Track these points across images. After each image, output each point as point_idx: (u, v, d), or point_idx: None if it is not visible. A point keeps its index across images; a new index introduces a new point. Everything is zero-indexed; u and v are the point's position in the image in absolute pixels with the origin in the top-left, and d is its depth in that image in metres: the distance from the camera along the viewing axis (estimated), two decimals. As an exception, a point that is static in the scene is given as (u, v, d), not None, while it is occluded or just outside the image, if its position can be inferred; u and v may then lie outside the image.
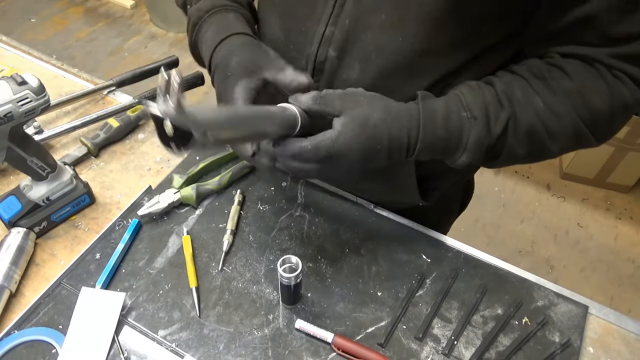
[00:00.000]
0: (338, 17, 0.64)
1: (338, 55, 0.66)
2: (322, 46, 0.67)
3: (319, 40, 0.66)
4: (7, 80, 0.67)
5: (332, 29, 0.65)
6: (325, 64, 0.68)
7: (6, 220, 0.77)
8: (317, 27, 0.66)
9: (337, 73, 0.68)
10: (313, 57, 0.68)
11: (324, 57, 0.67)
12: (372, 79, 0.66)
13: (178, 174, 0.86)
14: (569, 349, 0.70)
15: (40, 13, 3.11)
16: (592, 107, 0.59)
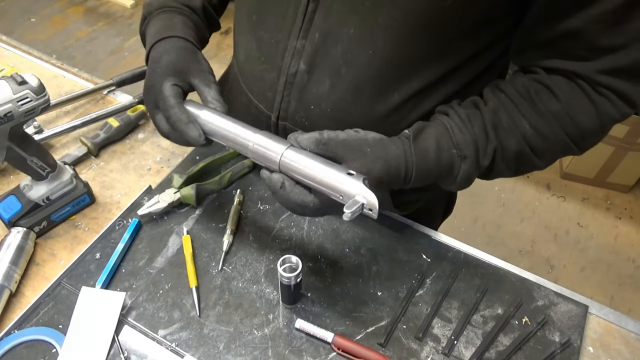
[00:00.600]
0: (308, 30, 0.63)
1: (308, 69, 0.66)
2: (294, 59, 0.66)
3: (291, 53, 0.66)
4: (7, 79, 0.67)
5: (302, 42, 0.64)
6: (296, 77, 0.67)
7: (6, 220, 0.77)
8: (288, 40, 0.66)
9: (308, 87, 0.67)
10: (285, 70, 0.68)
11: (294, 70, 0.67)
12: (342, 93, 0.66)
13: (178, 173, 0.86)
14: (569, 348, 0.70)
15: (40, 13, 3.11)
16: (580, 126, 0.60)
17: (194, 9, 0.74)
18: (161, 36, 0.69)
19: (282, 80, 0.68)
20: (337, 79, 0.65)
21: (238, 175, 0.88)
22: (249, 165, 0.89)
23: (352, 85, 0.65)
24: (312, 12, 0.62)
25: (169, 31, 0.70)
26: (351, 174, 0.54)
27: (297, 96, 0.69)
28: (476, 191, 2.24)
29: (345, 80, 0.65)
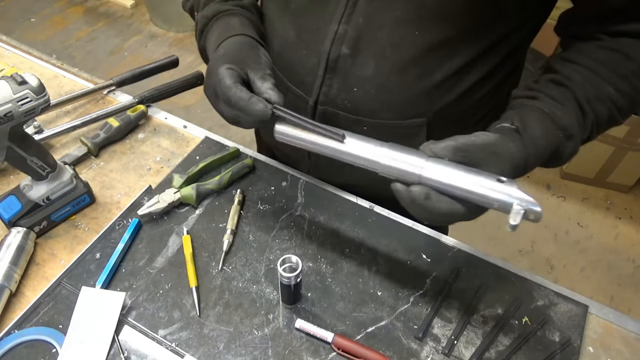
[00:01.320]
0: (351, 15, 0.64)
1: (351, 53, 0.66)
2: (335, 44, 0.66)
3: (332, 38, 0.66)
4: (7, 79, 0.67)
5: (345, 27, 0.65)
6: (339, 62, 0.68)
7: (6, 220, 0.77)
8: (330, 26, 0.66)
9: (351, 71, 0.68)
10: (326, 55, 0.68)
11: (336, 55, 0.67)
12: (387, 74, 0.67)
13: (178, 173, 0.86)
14: (569, 348, 0.70)
15: (40, 13, 3.11)
16: None
17: (246, 7, 0.74)
18: (222, 39, 0.68)
19: (322, 66, 0.69)
20: (382, 61, 0.66)
21: (238, 175, 0.88)
22: (248, 165, 0.89)
23: (397, 66, 0.66)
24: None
25: (228, 33, 0.69)
26: (502, 181, 0.52)
27: (339, 80, 0.69)
28: (476, 191, 2.23)
29: (390, 61, 0.65)
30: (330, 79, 0.70)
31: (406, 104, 0.69)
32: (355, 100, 0.71)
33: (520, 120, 0.60)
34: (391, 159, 0.56)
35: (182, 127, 0.98)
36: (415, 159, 0.55)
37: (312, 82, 0.72)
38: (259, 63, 0.65)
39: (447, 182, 0.54)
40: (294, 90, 0.75)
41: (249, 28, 0.71)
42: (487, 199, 0.53)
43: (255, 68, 0.63)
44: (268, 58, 0.67)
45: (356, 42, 0.65)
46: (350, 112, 0.71)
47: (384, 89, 0.68)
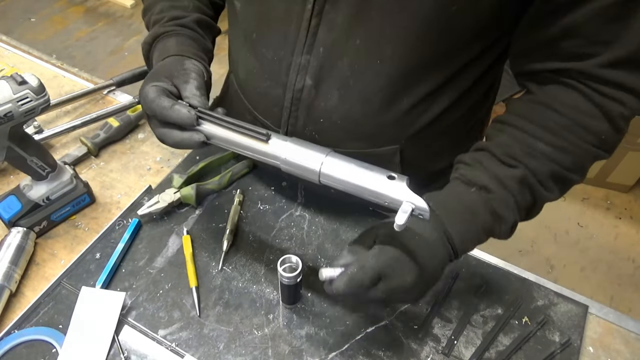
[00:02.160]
0: (312, 45, 0.63)
1: (315, 84, 0.65)
2: (299, 75, 0.65)
3: (296, 69, 0.65)
4: (7, 79, 0.67)
5: (307, 57, 0.64)
6: (303, 93, 0.67)
7: (6, 220, 0.77)
8: (292, 57, 0.65)
9: (315, 101, 0.67)
10: (291, 86, 0.67)
11: (301, 86, 0.66)
12: (351, 104, 0.65)
13: (178, 173, 0.86)
14: (569, 348, 0.70)
15: (40, 13, 3.11)
16: (594, 130, 0.58)
17: (186, 24, 0.72)
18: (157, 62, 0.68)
19: (288, 97, 0.68)
20: (345, 91, 0.65)
21: (238, 175, 0.88)
22: (248, 165, 0.89)
23: (361, 96, 0.65)
24: (315, 27, 0.61)
25: (162, 55, 0.68)
26: (392, 177, 0.52)
27: (305, 111, 0.68)
28: (476, 191, 2.23)
29: (354, 91, 0.64)
30: (296, 111, 0.69)
31: (374, 132, 0.68)
32: (323, 131, 0.70)
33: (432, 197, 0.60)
34: (294, 154, 0.56)
35: (182, 127, 0.98)
36: (317, 155, 0.55)
37: (280, 114, 0.71)
38: (183, 69, 0.64)
39: (340, 178, 0.54)
40: (262, 120, 0.74)
41: (186, 46, 0.70)
42: (376, 196, 0.53)
43: (179, 76, 0.63)
44: (196, 65, 0.66)
45: (318, 72, 0.64)
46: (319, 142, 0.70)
47: (349, 119, 0.67)
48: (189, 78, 0.63)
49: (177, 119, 0.58)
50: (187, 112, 0.58)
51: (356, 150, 0.70)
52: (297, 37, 0.63)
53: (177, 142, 0.61)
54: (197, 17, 0.74)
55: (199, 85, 0.62)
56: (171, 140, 0.61)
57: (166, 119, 0.59)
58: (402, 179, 0.52)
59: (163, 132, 0.61)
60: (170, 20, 0.72)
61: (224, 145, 0.60)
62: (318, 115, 0.68)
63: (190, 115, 0.58)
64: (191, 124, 0.59)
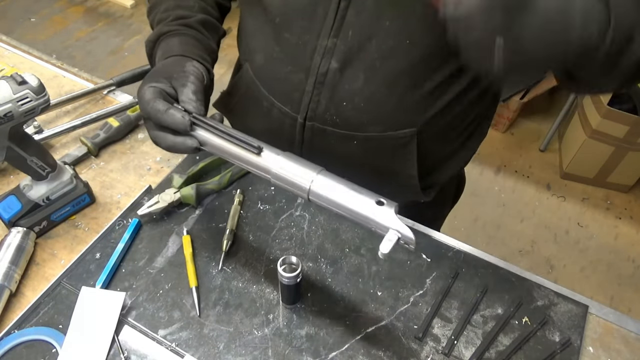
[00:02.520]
0: (340, 28, 0.63)
1: (340, 67, 0.65)
2: (324, 58, 0.65)
3: (321, 52, 0.65)
4: (7, 79, 0.67)
5: (334, 41, 0.64)
6: (327, 76, 0.67)
7: (6, 220, 0.77)
8: (318, 41, 0.65)
9: (340, 84, 0.67)
10: (315, 69, 0.67)
11: (325, 69, 0.66)
12: (377, 86, 0.66)
13: (178, 173, 0.86)
14: (569, 348, 0.70)
15: (40, 13, 3.11)
16: None
17: (191, 24, 0.72)
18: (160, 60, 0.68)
19: (311, 81, 0.68)
20: (371, 73, 0.65)
21: (238, 175, 0.88)
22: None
23: (387, 78, 0.65)
24: (344, 10, 0.61)
25: (165, 54, 0.68)
26: (381, 203, 0.51)
27: (328, 94, 0.68)
28: (476, 191, 2.24)
29: (380, 73, 0.64)
30: (318, 95, 0.69)
31: (396, 115, 0.68)
32: (344, 115, 0.70)
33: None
34: (285, 169, 0.56)
35: (182, 127, 0.98)
36: (307, 172, 0.55)
37: (300, 99, 0.70)
38: (184, 72, 0.64)
39: (329, 197, 0.53)
40: (279, 107, 0.74)
41: (189, 47, 0.69)
42: (364, 219, 0.52)
43: (177, 78, 0.63)
44: (197, 68, 0.65)
45: (346, 55, 0.64)
46: (339, 127, 0.70)
47: (373, 102, 0.68)
48: (187, 81, 0.62)
49: (171, 124, 0.58)
50: (181, 117, 0.58)
51: (376, 133, 0.70)
52: (324, 20, 0.63)
53: (170, 146, 0.61)
54: (202, 18, 0.74)
55: (196, 90, 0.62)
56: (164, 143, 0.61)
57: (160, 122, 0.59)
58: (390, 205, 0.51)
59: (157, 135, 0.61)
60: (175, 19, 0.72)
61: (217, 153, 0.60)
62: (341, 99, 0.68)
63: (184, 121, 0.58)
64: (184, 129, 0.59)
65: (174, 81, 0.63)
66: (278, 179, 0.56)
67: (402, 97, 0.66)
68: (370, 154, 0.73)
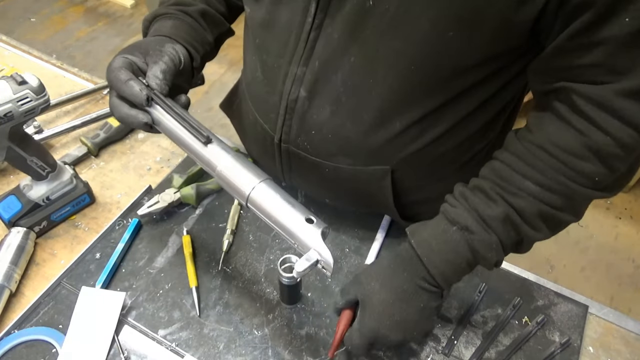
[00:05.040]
0: (309, 58, 0.63)
1: (309, 96, 0.65)
2: (294, 85, 0.65)
3: (292, 79, 0.65)
4: (7, 79, 0.67)
5: (303, 69, 0.64)
6: (297, 103, 0.67)
7: (6, 220, 0.77)
8: (289, 67, 0.65)
9: (308, 113, 0.67)
10: (286, 95, 0.67)
11: (295, 96, 0.66)
12: (342, 120, 0.65)
13: (178, 173, 0.86)
14: (569, 348, 0.70)
15: (40, 12, 3.11)
16: (586, 172, 0.55)
17: (190, 13, 0.73)
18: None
19: (283, 105, 0.68)
20: (337, 107, 0.65)
21: (238, 175, 0.88)
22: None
23: (352, 113, 0.64)
24: (313, 41, 0.61)
25: (154, 33, 0.69)
26: (311, 221, 0.51)
27: (298, 121, 0.68)
28: (476, 191, 2.23)
29: (345, 108, 0.64)
30: (290, 119, 0.69)
31: (365, 151, 0.67)
32: (314, 143, 0.69)
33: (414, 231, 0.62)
34: (230, 169, 0.55)
35: (182, 127, 0.98)
36: (251, 179, 0.54)
37: (275, 120, 0.71)
38: (160, 50, 0.64)
39: (264, 207, 0.53)
40: (262, 124, 0.74)
41: (181, 32, 0.70)
42: (289, 234, 0.52)
43: (152, 55, 0.63)
44: (175, 50, 0.66)
45: (313, 85, 0.64)
46: (311, 153, 0.70)
47: (340, 135, 0.67)
48: (160, 60, 0.63)
49: (129, 95, 0.59)
50: (139, 90, 0.58)
51: (346, 166, 0.69)
52: (295, 48, 0.63)
53: (122, 117, 0.61)
54: (202, 9, 0.74)
55: (166, 70, 0.62)
56: (118, 113, 0.61)
57: (119, 91, 0.59)
58: (319, 225, 0.51)
59: (114, 103, 0.61)
60: (175, 4, 0.73)
61: (168, 135, 0.60)
62: (310, 127, 0.68)
63: (140, 95, 0.58)
64: (140, 103, 0.58)
65: (148, 57, 0.63)
66: (220, 178, 0.56)
67: (368, 135, 0.66)
68: (343, 182, 0.73)
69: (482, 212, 0.58)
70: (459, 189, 0.62)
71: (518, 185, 0.58)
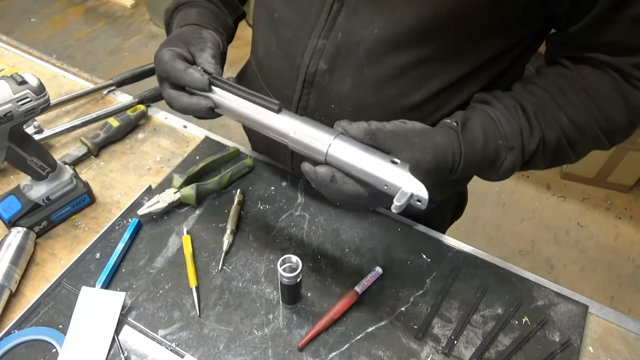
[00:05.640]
0: (330, 30, 0.63)
1: (329, 69, 0.65)
2: (314, 58, 0.66)
3: (311, 52, 0.65)
4: (7, 79, 0.67)
5: (324, 42, 0.64)
6: (316, 77, 0.67)
7: (6, 220, 0.77)
8: (309, 39, 0.65)
9: (328, 87, 0.67)
10: (304, 69, 0.67)
11: (314, 70, 0.66)
12: (363, 92, 0.66)
13: (178, 173, 0.86)
14: (569, 348, 0.70)
15: (40, 12, 3.11)
16: (611, 120, 0.60)
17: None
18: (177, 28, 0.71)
19: (301, 79, 0.68)
20: (358, 79, 0.65)
21: (238, 175, 0.88)
22: (248, 165, 0.89)
23: (374, 85, 0.65)
24: (336, 12, 0.61)
25: (182, 23, 0.71)
26: (395, 162, 0.52)
27: (316, 95, 0.68)
28: (476, 191, 2.23)
29: (367, 79, 0.64)
30: (307, 94, 0.69)
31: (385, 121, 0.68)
32: (333, 117, 0.69)
33: (464, 119, 0.60)
34: (303, 131, 0.56)
35: (182, 127, 0.98)
36: (325, 136, 0.55)
37: (291, 96, 0.71)
38: (201, 38, 0.66)
39: (343, 160, 0.54)
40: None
41: (206, 18, 0.72)
42: (377, 179, 0.52)
43: (195, 43, 0.65)
44: (213, 36, 0.68)
45: (334, 57, 0.64)
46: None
47: (360, 107, 0.67)
48: (205, 46, 0.65)
49: (190, 82, 0.60)
50: (200, 75, 0.59)
51: None
52: (317, 20, 0.63)
53: (184, 107, 0.62)
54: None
55: (215, 54, 0.64)
56: (179, 104, 0.62)
57: (179, 81, 0.60)
58: (404, 165, 0.52)
59: (172, 95, 0.62)
60: None
61: (233, 115, 0.60)
62: (329, 101, 0.68)
63: (202, 79, 0.59)
64: (203, 88, 0.60)
65: (192, 47, 0.65)
66: (295, 143, 0.57)
67: (389, 106, 0.66)
68: None
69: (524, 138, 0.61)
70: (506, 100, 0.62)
71: (554, 116, 0.61)
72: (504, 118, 0.61)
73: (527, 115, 0.61)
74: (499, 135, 0.60)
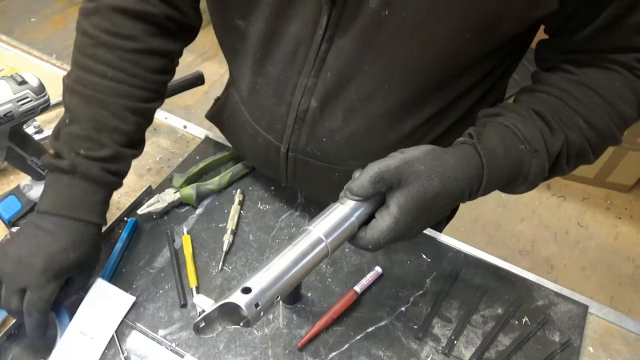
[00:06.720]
0: (320, 70, 0.62)
1: (320, 106, 0.65)
2: (304, 97, 0.65)
3: (302, 90, 0.64)
4: (7, 79, 0.67)
5: (314, 81, 0.63)
6: (307, 113, 0.66)
7: (6, 220, 0.77)
8: (299, 78, 0.64)
9: (320, 122, 0.67)
10: (295, 106, 0.66)
11: (305, 107, 0.66)
12: (355, 126, 0.65)
13: (178, 173, 0.86)
14: (569, 348, 0.70)
15: (40, 12, 3.11)
16: (624, 116, 0.61)
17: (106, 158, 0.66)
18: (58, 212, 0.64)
19: (292, 116, 0.67)
20: (350, 114, 0.65)
21: (238, 175, 0.88)
22: (248, 166, 0.89)
23: (366, 118, 0.64)
24: (324, 52, 0.60)
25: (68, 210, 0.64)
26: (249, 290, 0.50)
27: (308, 130, 0.68)
28: (476, 191, 2.23)
29: (359, 114, 0.64)
30: (299, 129, 0.68)
31: (376, 152, 0.66)
32: (325, 149, 0.69)
33: (476, 131, 0.58)
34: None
35: (182, 127, 0.98)
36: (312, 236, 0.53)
37: (282, 130, 0.70)
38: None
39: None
40: (264, 135, 0.73)
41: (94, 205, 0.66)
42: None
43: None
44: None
45: (325, 96, 0.64)
46: (320, 159, 0.70)
47: (352, 140, 0.67)
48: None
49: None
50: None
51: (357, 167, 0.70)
52: (305, 60, 0.62)
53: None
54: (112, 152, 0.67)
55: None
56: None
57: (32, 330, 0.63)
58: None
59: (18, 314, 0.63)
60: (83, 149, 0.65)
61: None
62: (321, 135, 0.68)
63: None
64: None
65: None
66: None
67: (381, 137, 0.66)
68: None
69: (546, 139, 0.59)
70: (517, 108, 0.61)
71: (572, 119, 0.60)
72: (520, 123, 0.59)
73: (545, 118, 0.59)
74: (519, 140, 0.58)
